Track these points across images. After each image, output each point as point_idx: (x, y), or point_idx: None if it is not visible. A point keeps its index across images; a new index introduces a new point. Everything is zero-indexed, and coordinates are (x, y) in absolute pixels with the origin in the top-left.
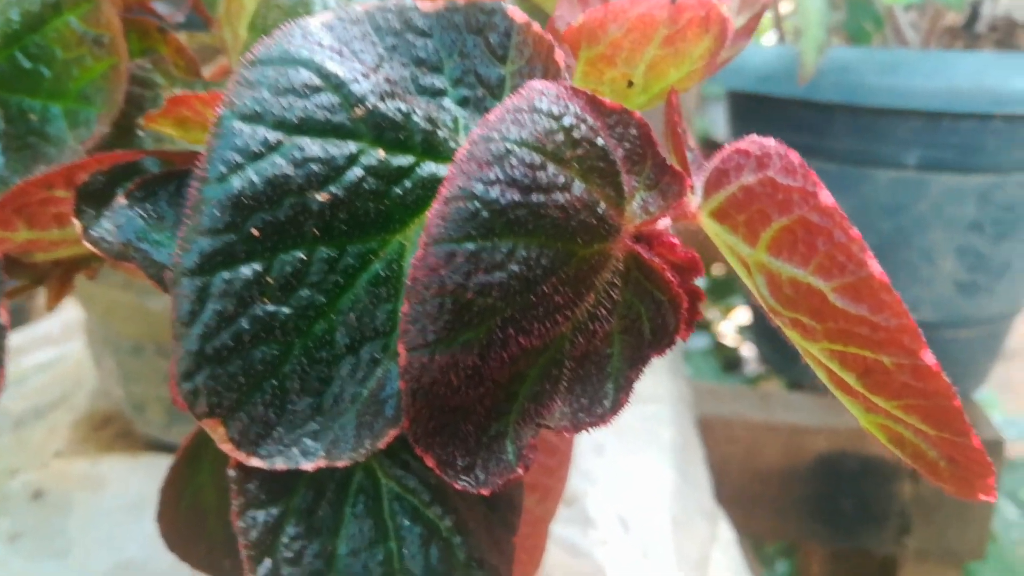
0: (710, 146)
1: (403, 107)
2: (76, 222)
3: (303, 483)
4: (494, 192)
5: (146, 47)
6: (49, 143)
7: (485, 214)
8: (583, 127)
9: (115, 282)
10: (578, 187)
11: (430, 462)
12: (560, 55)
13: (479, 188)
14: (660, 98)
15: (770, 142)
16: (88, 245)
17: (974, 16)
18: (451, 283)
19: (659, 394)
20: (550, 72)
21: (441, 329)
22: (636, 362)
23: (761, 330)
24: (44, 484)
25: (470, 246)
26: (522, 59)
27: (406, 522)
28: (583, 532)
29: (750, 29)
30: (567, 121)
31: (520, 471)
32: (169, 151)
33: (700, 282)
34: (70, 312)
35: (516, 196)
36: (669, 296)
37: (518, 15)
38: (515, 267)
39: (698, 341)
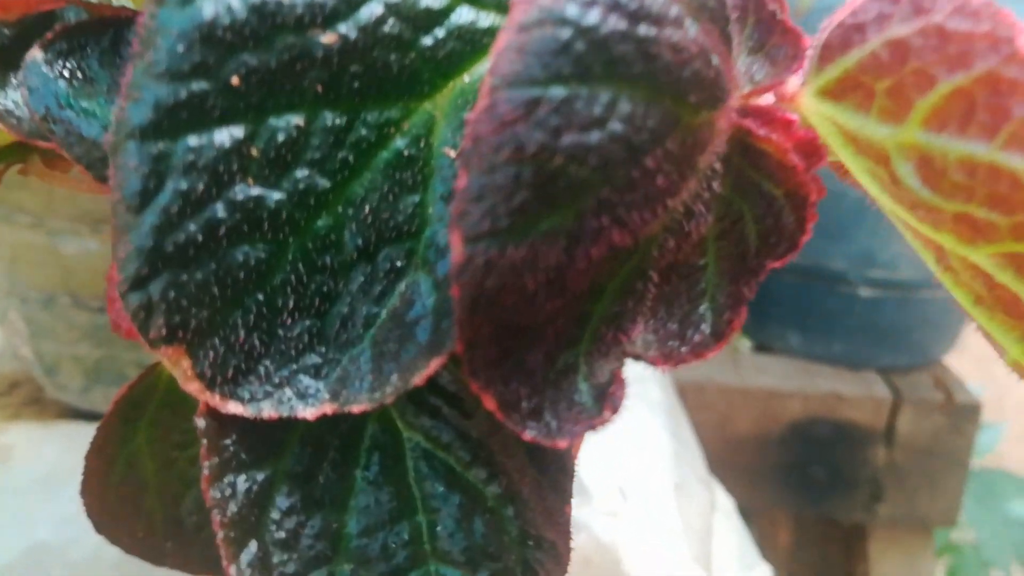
0: None
1: None
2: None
3: (297, 438)
4: (593, 16)
5: None
6: None
7: (581, 46)
8: None
9: (22, 222)
10: (692, 26)
11: (490, 404)
12: None
13: (572, 10)
14: None
15: None
16: None
17: None
18: (534, 144)
19: None
20: None
21: (517, 210)
22: (741, 275)
23: None
24: None
25: (560, 91)
26: None
27: (440, 488)
28: (580, 503)
29: None
30: None
31: (608, 415)
32: (99, 4)
33: None
34: None
35: (623, 24)
36: (791, 186)
37: None
38: (617, 126)
39: None
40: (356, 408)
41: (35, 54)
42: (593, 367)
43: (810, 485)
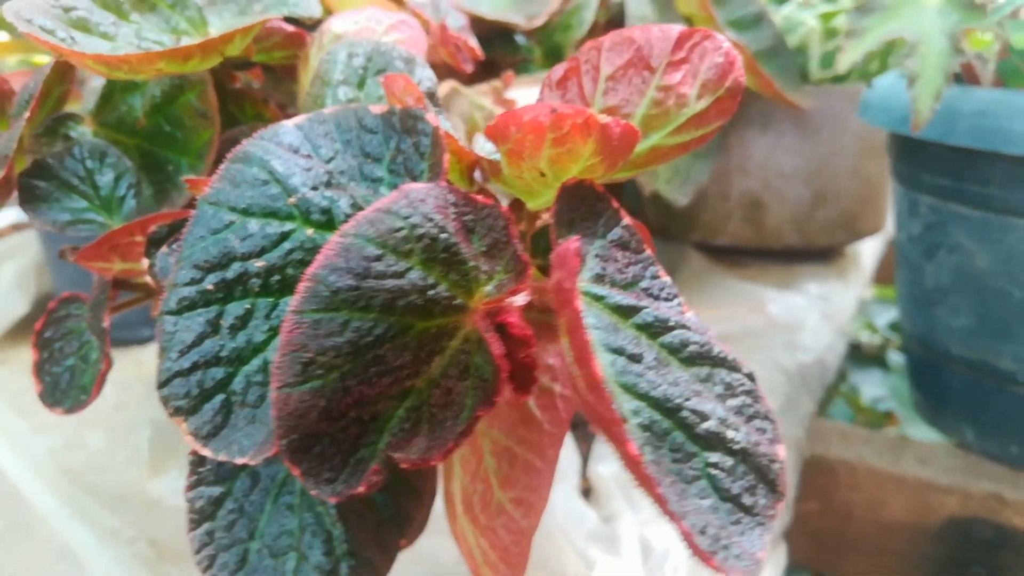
0: None
1: (331, 195)
2: (145, 260)
3: (246, 472)
4: (332, 277)
5: (256, 112)
6: (176, 189)
7: (325, 293)
8: (427, 225)
9: None
10: (415, 273)
11: (296, 472)
12: (447, 158)
13: (322, 273)
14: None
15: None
16: (149, 279)
17: None
18: (297, 343)
19: None
20: (442, 172)
21: (291, 376)
22: (478, 407)
23: (914, 374)
24: None
25: (314, 316)
26: (435, 157)
27: (308, 517)
28: (603, 553)
29: (722, 109)
30: (413, 220)
31: (361, 489)
32: None
33: None
34: None
35: (350, 281)
36: (494, 366)
37: (433, 120)
38: (350, 335)
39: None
40: (255, 462)
41: (164, 248)
42: (383, 459)
43: None
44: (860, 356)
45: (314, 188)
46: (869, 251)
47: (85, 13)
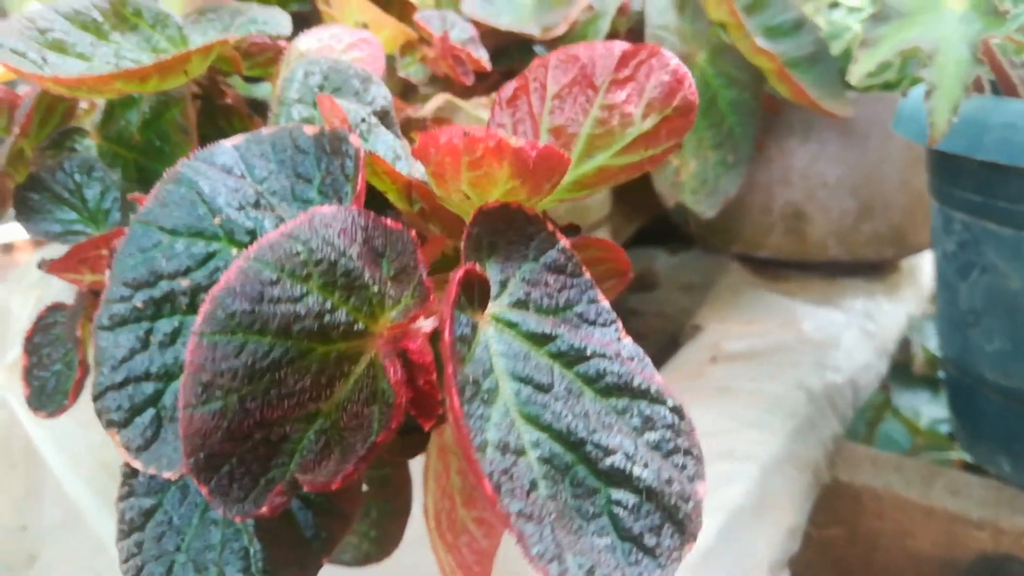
0: None
1: (256, 215)
2: (108, 272)
3: (176, 485)
4: (228, 300)
5: (244, 127)
6: None
7: (221, 316)
8: (327, 249)
9: None
10: (312, 298)
11: (202, 490)
12: (362, 180)
13: (220, 295)
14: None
15: None
16: None
17: None
18: (197, 364)
19: (750, 452)
20: (358, 194)
21: (192, 397)
22: (383, 428)
23: (951, 398)
24: None
25: (211, 339)
26: (356, 179)
27: (230, 532)
28: None
29: (673, 128)
30: (312, 244)
31: (265, 510)
32: None
33: None
34: None
35: (245, 305)
36: (393, 390)
37: (356, 141)
38: (245, 358)
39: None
40: (175, 476)
41: None
42: (289, 481)
43: None
44: (913, 376)
45: (240, 208)
46: (930, 266)
47: (62, 35)
